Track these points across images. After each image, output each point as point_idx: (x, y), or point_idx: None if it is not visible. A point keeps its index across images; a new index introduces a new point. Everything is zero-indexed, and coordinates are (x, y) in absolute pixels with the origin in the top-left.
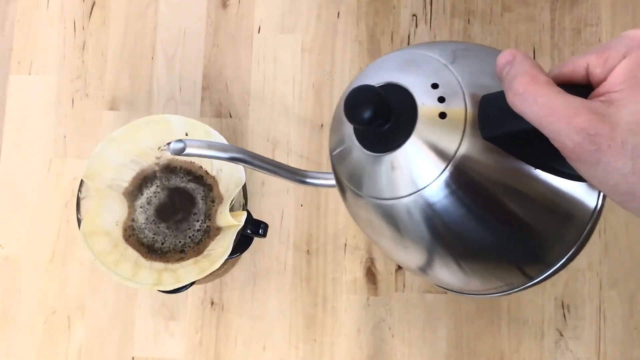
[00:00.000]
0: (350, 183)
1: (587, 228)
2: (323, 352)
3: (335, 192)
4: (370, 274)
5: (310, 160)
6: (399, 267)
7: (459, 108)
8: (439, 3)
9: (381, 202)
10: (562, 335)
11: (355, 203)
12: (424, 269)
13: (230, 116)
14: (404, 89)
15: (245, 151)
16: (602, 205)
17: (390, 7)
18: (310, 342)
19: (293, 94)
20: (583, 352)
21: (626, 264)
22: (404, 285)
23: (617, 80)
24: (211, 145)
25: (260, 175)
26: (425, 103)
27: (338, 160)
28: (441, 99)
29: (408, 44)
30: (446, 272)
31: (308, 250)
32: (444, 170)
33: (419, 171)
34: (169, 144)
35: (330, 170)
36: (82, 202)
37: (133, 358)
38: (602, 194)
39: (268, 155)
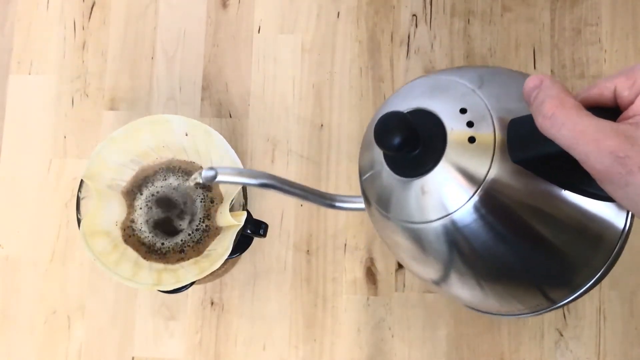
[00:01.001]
0: (379, 206)
1: (616, 250)
2: (323, 352)
3: (335, 191)
4: (370, 274)
5: (310, 160)
6: (399, 267)
7: (488, 132)
8: (439, 3)
9: (410, 226)
10: (562, 335)
11: (385, 226)
12: (449, 289)
13: (230, 116)
14: (432, 114)
15: (274, 177)
16: (631, 225)
17: (390, 7)
18: (310, 342)
19: (293, 94)
20: (583, 352)
21: (626, 264)
22: (404, 285)
23: None
24: (242, 172)
25: None
26: (454, 128)
27: (368, 184)
28: (470, 124)
29: (408, 44)
30: (469, 293)
31: (308, 250)
32: (473, 194)
33: (448, 195)
34: (200, 172)
35: (358, 193)
36: (82, 202)
37: (133, 358)
38: (630, 215)
39: (268, 155)
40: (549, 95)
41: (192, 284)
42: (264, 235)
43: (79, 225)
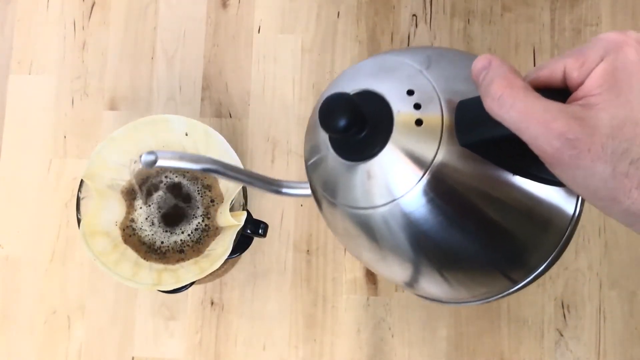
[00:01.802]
0: (325, 192)
1: (567, 233)
2: (323, 352)
3: None
4: (370, 274)
5: None
6: None
7: (436, 114)
8: (439, 3)
9: (357, 212)
10: (562, 335)
11: (332, 213)
12: (406, 281)
13: (230, 116)
14: (379, 96)
15: (217, 161)
16: (581, 211)
17: (390, 7)
18: (310, 342)
19: (293, 94)
20: (583, 352)
21: (626, 264)
22: None
23: (595, 84)
24: (183, 157)
25: None
26: (401, 110)
27: (313, 169)
28: (417, 106)
29: (408, 44)
30: (429, 283)
31: (308, 250)
32: (421, 178)
33: (395, 180)
34: (140, 156)
35: (306, 179)
36: (82, 202)
37: (133, 358)
38: (580, 200)
39: (268, 155)
40: (498, 75)
41: (192, 284)
42: (264, 235)
43: (79, 225)
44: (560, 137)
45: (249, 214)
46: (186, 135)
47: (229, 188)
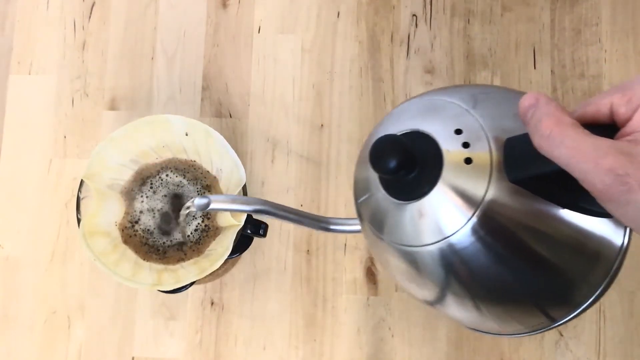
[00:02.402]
0: (374, 228)
1: (615, 266)
2: (323, 352)
3: (335, 191)
4: (370, 274)
5: (310, 160)
6: None
7: (484, 152)
8: (439, 3)
9: (406, 249)
10: (562, 335)
11: (380, 247)
12: (446, 311)
13: (230, 116)
14: (427, 136)
15: (268, 202)
16: (629, 241)
17: (390, 7)
18: (310, 342)
19: (293, 94)
20: (583, 352)
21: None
22: None
23: None
24: (235, 200)
25: (260, 175)
26: (450, 149)
27: (363, 207)
28: (465, 145)
29: (408, 44)
30: (468, 315)
31: (308, 250)
32: (472, 216)
33: (446, 219)
34: (192, 201)
35: (354, 215)
36: (82, 202)
37: (133, 358)
38: (628, 231)
39: (268, 155)
40: (546, 113)
41: (192, 284)
42: (264, 235)
43: (79, 225)
44: (610, 173)
45: (249, 214)
46: (186, 135)
47: (229, 188)
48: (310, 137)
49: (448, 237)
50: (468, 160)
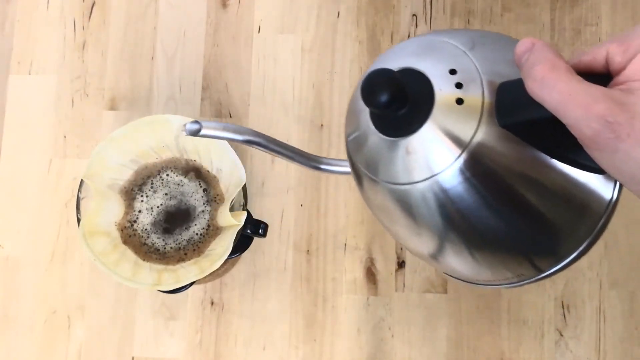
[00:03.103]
0: (366, 168)
1: (602, 221)
2: (323, 352)
3: (335, 191)
4: (370, 274)
5: None
6: (399, 267)
7: (477, 95)
8: (439, 3)
9: (396, 187)
10: (562, 335)
11: (371, 189)
12: (436, 257)
13: (230, 116)
14: (421, 74)
15: (260, 134)
16: (618, 198)
17: (390, 7)
18: (310, 342)
19: (293, 94)
20: (583, 352)
21: (626, 264)
22: (404, 285)
23: (637, 70)
24: (227, 127)
25: (260, 175)
26: (443, 89)
27: (354, 145)
28: (459, 85)
29: None
30: (458, 261)
31: (308, 250)
32: (459, 156)
33: (434, 157)
34: (185, 125)
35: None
36: (82, 202)
37: (133, 358)
38: (618, 186)
39: (268, 155)
40: (540, 58)
41: (192, 284)
42: (264, 235)
43: (79, 225)
44: (600, 120)
45: (249, 214)
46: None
47: (229, 188)
48: (310, 137)
49: (435, 175)
50: (460, 101)
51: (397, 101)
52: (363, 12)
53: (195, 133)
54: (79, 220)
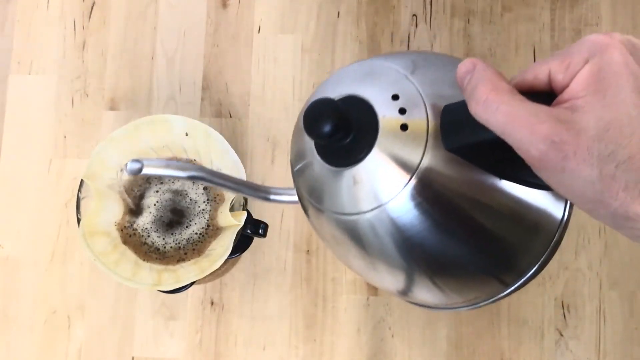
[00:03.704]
0: (312, 198)
1: (555, 238)
2: (323, 352)
3: None
4: None
5: None
6: None
7: (421, 119)
8: (439, 3)
9: (344, 218)
10: (562, 335)
11: (319, 219)
12: (397, 288)
13: (230, 116)
14: (364, 101)
15: (203, 169)
16: (570, 214)
17: (390, 6)
18: (310, 342)
19: (293, 94)
20: (583, 352)
21: (626, 264)
22: None
23: (580, 87)
24: (169, 165)
25: (260, 176)
26: (386, 115)
27: (299, 175)
28: (402, 111)
29: (408, 44)
30: (420, 289)
31: (308, 250)
32: (407, 182)
33: (381, 185)
34: (126, 164)
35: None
36: (82, 202)
37: (133, 358)
38: (569, 204)
39: (268, 155)
40: (482, 79)
41: (192, 284)
42: (264, 235)
43: (79, 225)
44: (546, 140)
45: (249, 214)
46: (186, 135)
47: None
48: None
49: (384, 204)
50: (404, 127)
51: (341, 130)
52: (363, 12)
53: (136, 172)
54: (79, 220)
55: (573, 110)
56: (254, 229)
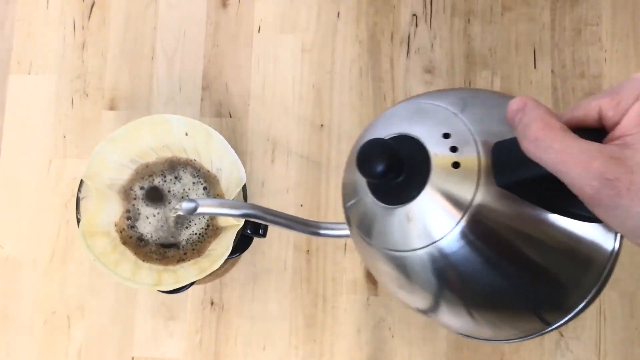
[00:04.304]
0: (363, 234)
1: (606, 270)
2: (323, 352)
3: (335, 191)
4: (370, 274)
5: (310, 160)
6: None
7: (472, 156)
8: (439, 3)
9: (395, 254)
10: (562, 335)
11: (369, 253)
12: (438, 318)
13: (230, 116)
14: (415, 140)
15: (257, 207)
16: (620, 246)
17: (390, 6)
18: (310, 343)
19: (293, 94)
20: (583, 352)
21: (626, 264)
22: None
23: (631, 124)
24: (223, 204)
25: (260, 175)
26: (438, 153)
27: (351, 211)
28: (453, 149)
29: (408, 44)
30: (460, 321)
31: (308, 250)
32: (460, 220)
33: (434, 222)
34: (180, 204)
35: (343, 219)
36: (82, 202)
37: (133, 358)
38: (619, 236)
39: (268, 155)
40: (534, 117)
41: (192, 284)
42: (264, 235)
43: (78, 225)
44: (599, 178)
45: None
46: (186, 135)
47: (229, 188)
48: (310, 137)
49: (437, 241)
50: (456, 165)
51: (394, 170)
52: (363, 12)
53: (192, 212)
54: (78, 220)
55: (625, 147)
56: (253, 229)
